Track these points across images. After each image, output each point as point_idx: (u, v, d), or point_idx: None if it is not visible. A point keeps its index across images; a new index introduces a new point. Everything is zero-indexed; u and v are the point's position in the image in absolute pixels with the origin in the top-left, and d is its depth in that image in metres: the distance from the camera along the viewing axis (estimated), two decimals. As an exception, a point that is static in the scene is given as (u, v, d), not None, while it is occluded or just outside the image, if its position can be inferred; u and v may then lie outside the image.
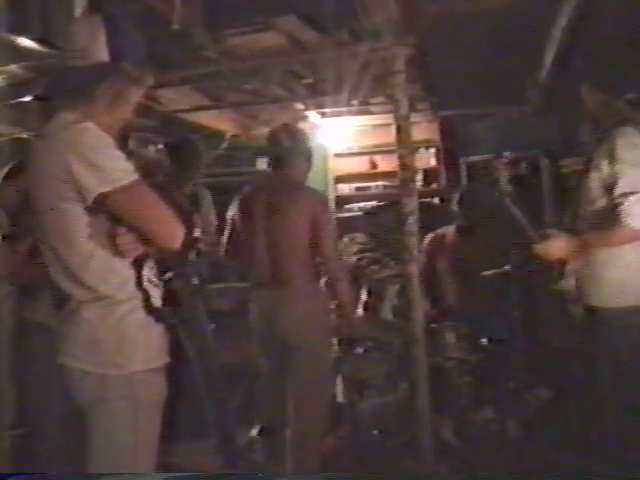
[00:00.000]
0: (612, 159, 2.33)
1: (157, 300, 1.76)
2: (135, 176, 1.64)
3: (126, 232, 1.66)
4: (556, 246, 2.49)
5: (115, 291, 1.67)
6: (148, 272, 1.74)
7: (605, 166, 2.35)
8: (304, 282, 2.75)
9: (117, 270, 1.68)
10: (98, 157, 1.60)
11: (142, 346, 1.71)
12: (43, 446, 2.72)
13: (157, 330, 1.76)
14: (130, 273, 1.70)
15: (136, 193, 1.65)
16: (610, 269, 2.38)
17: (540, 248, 2.52)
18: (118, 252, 1.66)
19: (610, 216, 2.33)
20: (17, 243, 2.59)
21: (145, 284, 1.72)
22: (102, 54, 1.68)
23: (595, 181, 2.39)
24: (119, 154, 1.64)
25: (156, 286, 1.76)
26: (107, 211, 1.65)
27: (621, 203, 2.29)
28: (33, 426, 2.76)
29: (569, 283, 2.54)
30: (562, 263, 2.55)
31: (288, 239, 2.75)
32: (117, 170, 1.61)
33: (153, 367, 1.74)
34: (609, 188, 2.34)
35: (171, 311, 1.81)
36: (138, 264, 1.71)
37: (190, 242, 1.93)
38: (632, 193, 2.28)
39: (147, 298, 1.72)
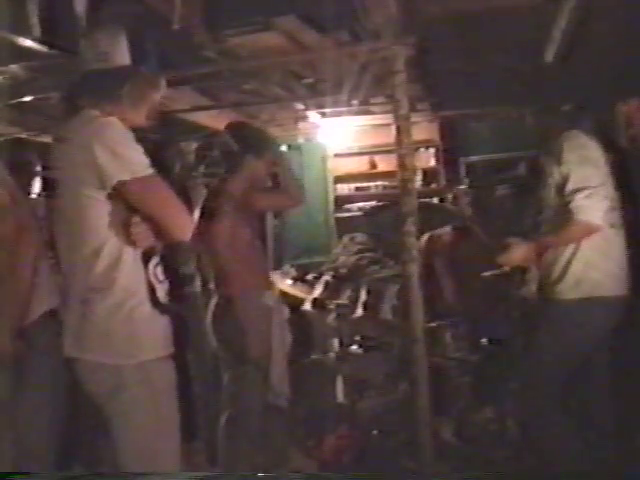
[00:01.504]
0: (560, 162, 2.46)
1: (162, 296, 1.84)
2: (151, 170, 1.76)
3: (140, 221, 1.77)
4: (516, 253, 2.57)
5: (123, 281, 1.76)
6: (153, 268, 1.83)
7: (556, 170, 2.45)
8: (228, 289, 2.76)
9: (126, 260, 1.78)
10: (120, 148, 1.72)
11: (151, 336, 1.82)
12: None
13: (163, 321, 1.85)
14: (138, 265, 1.80)
15: (152, 184, 1.77)
16: (570, 264, 2.48)
17: (502, 257, 2.60)
18: (131, 240, 1.77)
19: (564, 215, 2.44)
20: None
21: (151, 279, 1.81)
22: (124, 59, 1.83)
23: (550, 186, 2.52)
24: (139, 148, 1.75)
25: (161, 282, 1.84)
26: (124, 199, 1.76)
27: (572, 200, 2.40)
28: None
29: (531, 289, 2.62)
30: (523, 270, 2.63)
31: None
32: (136, 162, 1.74)
33: (163, 355, 1.84)
34: (561, 189, 2.46)
35: (176, 305, 1.89)
36: (146, 258, 1.81)
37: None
38: (582, 189, 2.37)
39: (152, 291, 1.81)
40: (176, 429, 1.86)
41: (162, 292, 1.84)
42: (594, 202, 2.39)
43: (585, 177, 2.40)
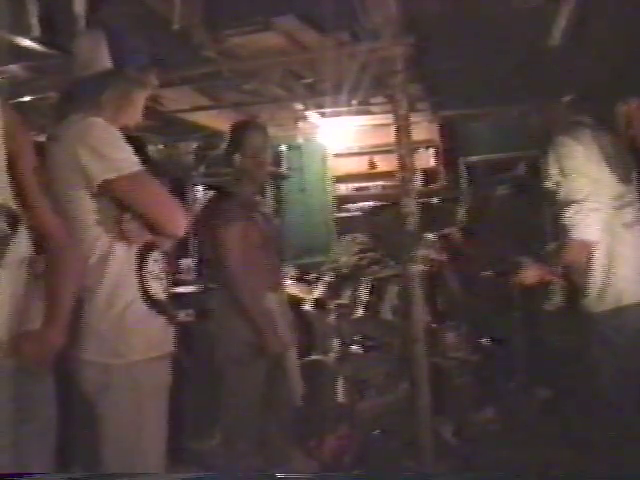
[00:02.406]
0: (549, 175, 2.42)
1: (159, 293, 1.82)
2: (140, 167, 1.75)
3: (131, 218, 1.77)
4: (528, 274, 2.56)
5: (112, 278, 1.75)
6: (152, 265, 1.82)
7: (549, 177, 2.43)
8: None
9: (115, 258, 1.76)
10: (104, 147, 1.72)
11: (142, 336, 1.79)
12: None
13: (158, 321, 1.83)
14: (129, 263, 1.78)
15: (141, 181, 1.77)
16: (588, 274, 2.42)
17: (516, 279, 2.59)
18: (123, 238, 1.76)
19: (564, 229, 2.39)
20: None
21: (146, 276, 1.79)
22: (106, 63, 1.83)
23: (549, 192, 2.46)
24: (126, 146, 1.75)
25: (158, 278, 1.83)
26: (113, 198, 1.76)
27: (564, 216, 2.36)
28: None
29: (554, 302, 2.59)
30: (544, 285, 2.61)
31: None
32: (122, 160, 1.73)
33: (154, 356, 1.82)
34: (554, 201, 2.42)
35: (173, 304, 1.88)
36: (141, 255, 1.80)
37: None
38: (569, 203, 2.35)
39: (145, 290, 1.79)
40: (161, 432, 1.83)
41: (159, 289, 1.83)
42: (583, 217, 2.32)
43: (571, 189, 2.35)
